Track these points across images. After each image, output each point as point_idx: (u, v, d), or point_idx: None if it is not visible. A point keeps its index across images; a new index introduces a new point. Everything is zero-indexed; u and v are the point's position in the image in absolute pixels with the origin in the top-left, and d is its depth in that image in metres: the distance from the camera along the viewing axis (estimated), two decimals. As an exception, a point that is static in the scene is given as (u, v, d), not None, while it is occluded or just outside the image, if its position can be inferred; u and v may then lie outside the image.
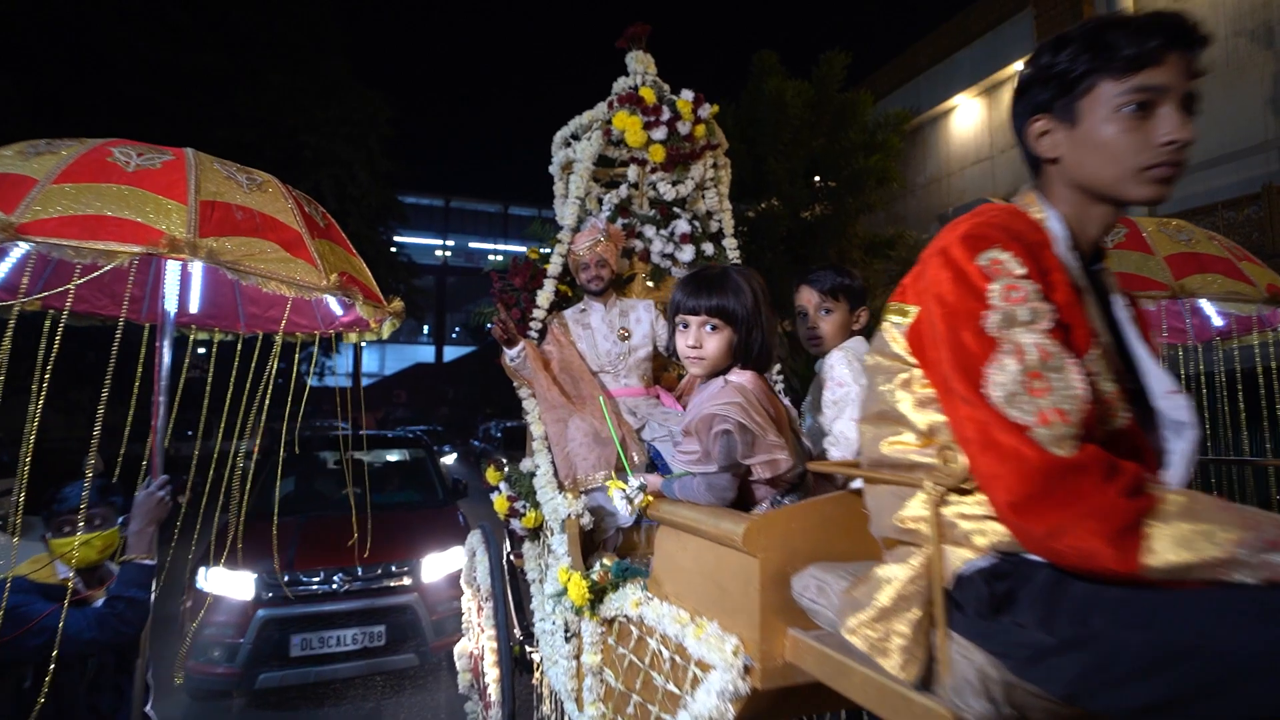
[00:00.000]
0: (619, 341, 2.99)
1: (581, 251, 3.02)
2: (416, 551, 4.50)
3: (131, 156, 1.97)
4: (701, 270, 1.50)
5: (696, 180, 3.18)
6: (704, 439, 1.34)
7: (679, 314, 1.50)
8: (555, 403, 2.70)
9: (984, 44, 12.14)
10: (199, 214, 1.87)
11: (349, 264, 2.18)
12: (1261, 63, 8.67)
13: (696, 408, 1.39)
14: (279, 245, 1.96)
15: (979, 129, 12.60)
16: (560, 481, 2.55)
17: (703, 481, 1.33)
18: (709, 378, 1.50)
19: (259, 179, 2.17)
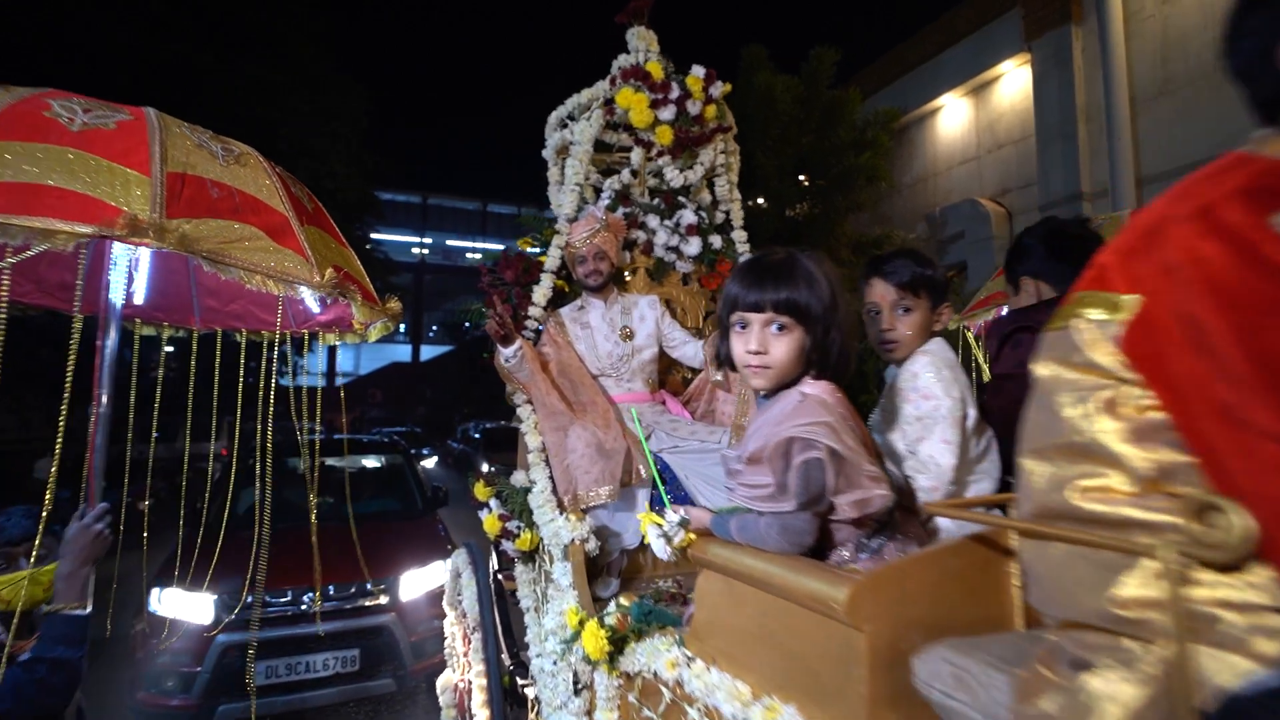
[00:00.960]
0: (621, 342, 2.72)
1: (578, 243, 2.74)
2: (394, 567, 4.18)
3: (76, 112, 1.60)
4: (762, 257, 1.21)
5: (706, 166, 2.91)
6: (778, 469, 1.07)
7: (736, 311, 1.21)
8: (554, 409, 2.41)
9: (971, 43, 12.05)
10: (166, 189, 1.53)
11: (341, 257, 1.85)
12: (1250, 65, 8.63)
13: (764, 428, 1.11)
14: (263, 232, 1.62)
15: (966, 128, 12.51)
16: (559, 499, 2.26)
17: (774, 523, 1.05)
18: (773, 391, 1.22)
19: (236, 150, 1.81)
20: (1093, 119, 10.21)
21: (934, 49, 12.67)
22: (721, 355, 1.26)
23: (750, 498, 1.09)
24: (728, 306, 1.23)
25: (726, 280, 1.19)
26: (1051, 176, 10.62)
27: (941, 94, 12.62)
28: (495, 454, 14.55)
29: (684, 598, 2.25)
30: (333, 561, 4.11)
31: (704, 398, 2.78)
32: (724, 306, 1.24)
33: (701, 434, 2.47)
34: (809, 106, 10.59)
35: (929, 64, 12.79)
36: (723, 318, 1.25)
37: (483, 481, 2.48)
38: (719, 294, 3.24)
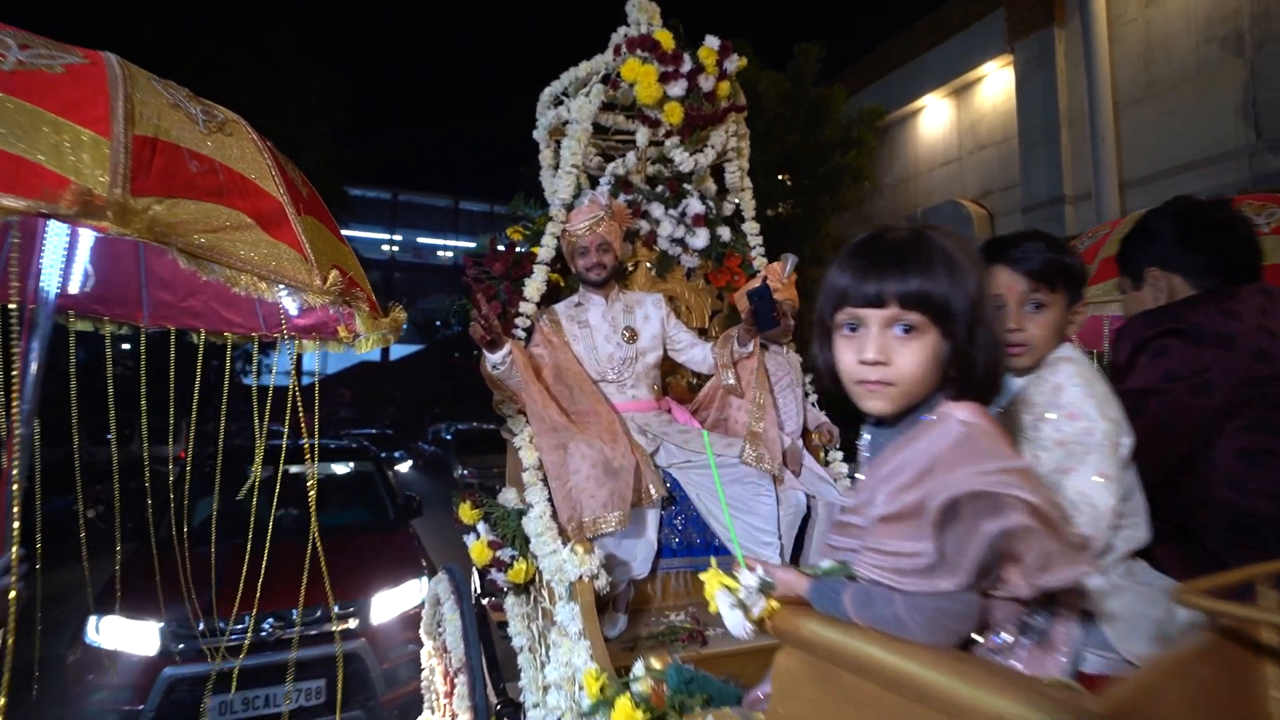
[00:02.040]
0: (624, 343, 2.43)
1: (579, 232, 2.44)
2: (364, 587, 3.83)
3: (10, 47, 1.22)
4: (881, 233, 0.91)
5: (717, 150, 2.63)
6: (942, 534, 0.76)
7: (844, 307, 0.91)
8: (553, 424, 2.11)
9: (954, 44, 11.99)
10: (131, 156, 1.18)
11: (341, 255, 1.52)
12: (1232, 70, 8.67)
13: (904, 472, 0.81)
14: (254, 220, 1.28)
15: (948, 130, 12.46)
16: (561, 525, 1.97)
17: (924, 605, 0.75)
18: (896, 417, 0.91)
19: (219, 115, 1.45)
20: (1075, 121, 10.19)
21: (917, 49, 12.60)
22: (820, 365, 0.97)
23: (886, 569, 0.79)
24: (832, 301, 0.92)
25: (830, 268, 0.91)
26: (1034, 179, 10.59)
27: (924, 94, 12.55)
28: (469, 456, 14.13)
29: (702, 635, 1.98)
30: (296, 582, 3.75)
31: (714, 405, 2.51)
32: (827, 301, 0.93)
33: (716, 446, 2.20)
34: (794, 104, 10.42)
35: (912, 64, 12.71)
36: (823, 316, 0.95)
37: (469, 502, 2.17)
38: (727, 292, 2.99)
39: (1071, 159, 10.18)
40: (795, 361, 2.65)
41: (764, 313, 2.17)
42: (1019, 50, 10.83)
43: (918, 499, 0.75)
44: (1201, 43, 8.98)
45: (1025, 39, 10.70)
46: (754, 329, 2.25)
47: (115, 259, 2.07)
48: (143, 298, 2.21)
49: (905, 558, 0.75)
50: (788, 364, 2.59)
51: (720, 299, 2.91)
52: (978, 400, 0.84)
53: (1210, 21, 8.92)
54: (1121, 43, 9.73)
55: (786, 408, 2.45)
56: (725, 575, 0.95)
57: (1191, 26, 9.07)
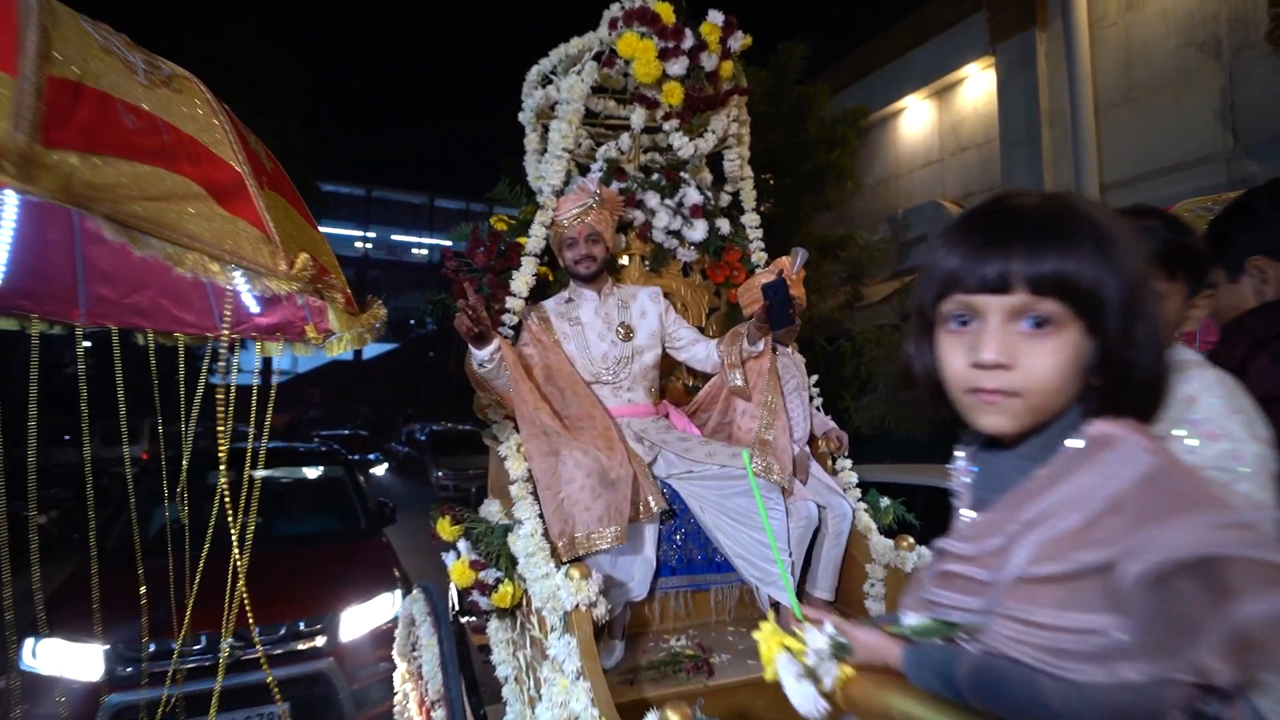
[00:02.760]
0: (619, 341, 2.24)
1: (567, 222, 2.25)
2: (333, 602, 3.57)
3: None
4: (1001, 200, 0.71)
5: (718, 135, 2.45)
6: (1145, 609, 0.55)
7: (952, 294, 0.71)
8: (544, 428, 1.91)
9: (936, 45, 12.00)
10: (43, 99, 0.95)
11: (313, 242, 1.30)
12: (1210, 74, 8.74)
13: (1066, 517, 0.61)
14: (206, 190, 1.06)
15: (929, 131, 12.48)
16: (552, 544, 1.76)
17: (1102, 700, 0.55)
18: (1020, 437, 0.71)
19: (165, 69, 1.22)
20: (1056, 124, 10.23)
21: (898, 49, 12.59)
22: (915, 370, 0.79)
23: (1033, 646, 0.59)
24: (936, 285, 0.72)
25: (933, 244, 0.72)
26: (1015, 180, 10.60)
27: (905, 95, 12.55)
28: (444, 457, 13.82)
29: (708, 664, 1.79)
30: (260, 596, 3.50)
31: (716, 409, 2.33)
32: (928, 286, 0.73)
33: (721, 455, 2.02)
34: (777, 101, 10.29)
35: (893, 65, 12.70)
36: (922, 305, 0.76)
37: (448, 517, 1.96)
38: (725, 288, 2.81)
39: (1053, 161, 10.21)
40: (800, 362, 2.48)
41: (779, 309, 1.99)
42: (1000, 52, 10.85)
43: (1098, 559, 0.56)
44: (1180, 47, 9.05)
45: (1007, 41, 10.72)
46: (766, 326, 2.07)
47: (45, 249, 1.81)
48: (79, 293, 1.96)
49: (1070, 635, 0.56)
50: (794, 365, 2.42)
51: (718, 295, 2.73)
52: (1133, 418, 0.66)
53: (1189, 26, 8.99)
54: (1102, 45, 9.78)
55: (794, 413, 2.27)
56: (786, 635, 0.75)
57: (1170, 31, 9.13)
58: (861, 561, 2.13)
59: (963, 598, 0.68)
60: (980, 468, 0.76)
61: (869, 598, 2.07)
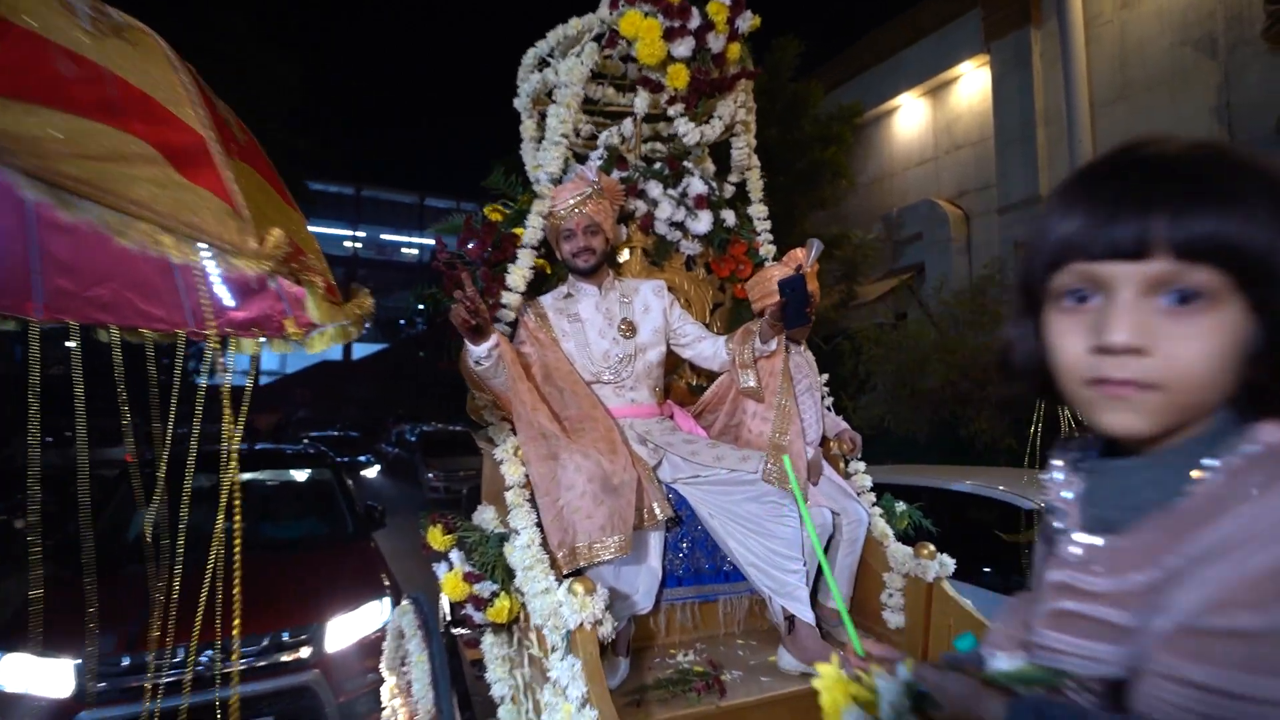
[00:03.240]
0: (620, 338, 2.12)
1: (564, 212, 2.12)
2: (319, 610, 3.43)
3: None
4: (1135, 147, 0.58)
5: (725, 122, 2.33)
6: None
7: (1070, 262, 0.58)
8: (543, 430, 1.78)
9: (930, 43, 11.95)
10: None
11: (291, 222, 1.15)
12: (1206, 72, 8.72)
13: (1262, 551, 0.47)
14: (161, 154, 0.92)
15: (923, 129, 12.43)
16: (552, 555, 1.64)
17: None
18: (1152, 439, 0.57)
19: (116, 17, 1.06)
20: (1051, 122, 10.19)
21: (893, 47, 12.53)
22: (1015, 358, 0.66)
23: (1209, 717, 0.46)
24: (1049, 253, 0.59)
25: (1045, 204, 0.60)
26: (1010, 179, 10.56)
27: (899, 93, 12.49)
28: (435, 459, 13.64)
29: (719, 683, 1.67)
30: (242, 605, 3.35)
31: (724, 410, 2.21)
32: (1038, 255, 0.61)
33: (730, 459, 1.90)
34: (771, 98, 10.19)
35: (887, 62, 12.65)
36: (1029, 279, 0.63)
37: (440, 526, 1.83)
38: (730, 283, 2.69)
39: (1048, 159, 10.17)
40: (811, 361, 2.37)
41: (796, 307, 1.87)
42: (995, 50, 10.81)
43: None
44: (1176, 45, 9.02)
45: (1002, 39, 10.68)
46: (780, 324, 1.95)
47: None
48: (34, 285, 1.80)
49: (1273, 710, 0.44)
50: (806, 364, 2.31)
51: (722, 290, 2.61)
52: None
53: (1184, 24, 8.97)
54: (1098, 44, 9.75)
55: (806, 414, 2.16)
56: (853, 682, 0.63)
57: (1166, 29, 9.11)
58: (878, 570, 2.02)
59: (1089, 644, 0.56)
60: (1095, 479, 0.63)
61: (887, 608, 1.96)
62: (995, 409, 5.39)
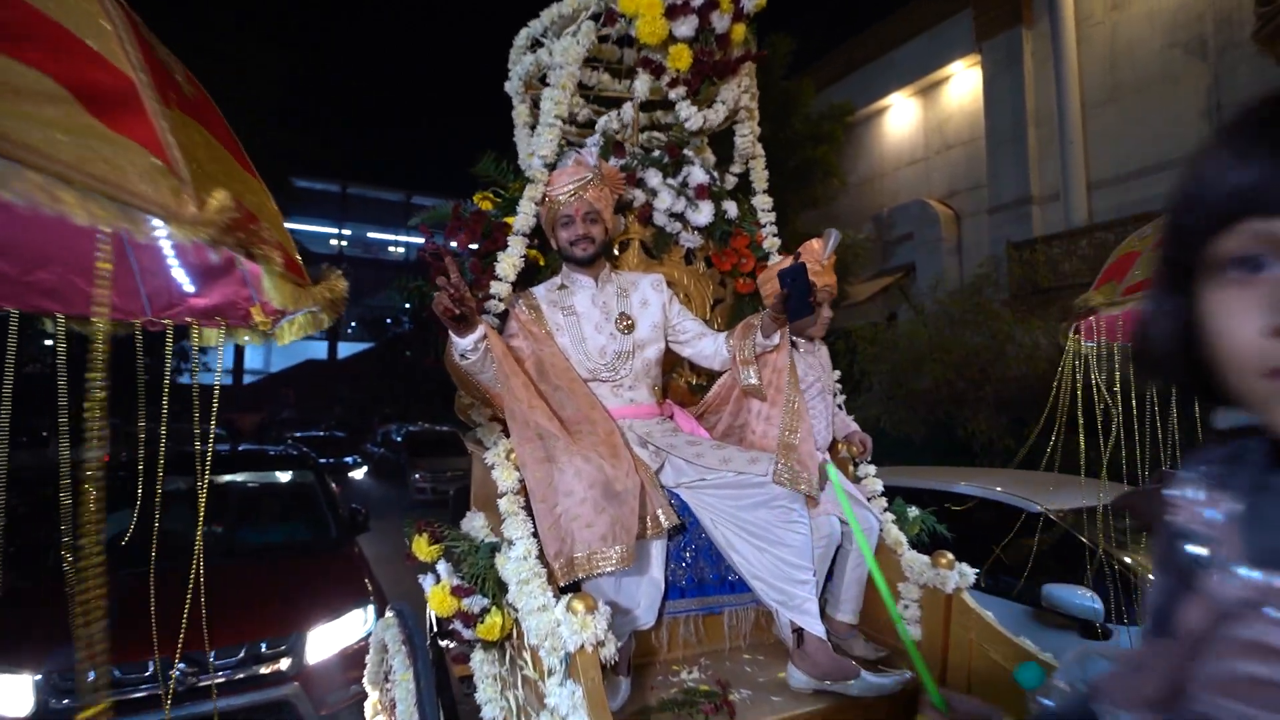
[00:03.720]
0: (618, 334, 2.00)
1: (563, 198, 2.00)
2: (299, 620, 3.28)
3: None
4: None
5: (729, 107, 2.21)
6: None
7: (1242, 220, 0.46)
8: (538, 429, 1.66)
9: (921, 43, 11.93)
10: None
11: (248, 189, 1.01)
12: (1196, 74, 8.74)
13: None
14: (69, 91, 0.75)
15: (914, 129, 12.40)
16: (550, 566, 1.51)
17: None
18: None
19: None
20: (1042, 122, 10.18)
21: (883, 47, 12.50)
22: (1157, 342, 0.54)
23: None
24: (1211, 211, 0.48)
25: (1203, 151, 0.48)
26: (1001, 179, 10.55)
27: (890, 93, 12.46)
28: (421, 459, 13.43)
29: (728, 703, 1.55)
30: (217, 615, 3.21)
31: (727, 410, 2.09)
32: (1193, 212, 0.50)
33: (738, 461, 1.78)
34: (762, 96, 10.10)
35: (878, 62, 12.61)
36: (1180, 242, 0.52)
37: (426, 535, 1.69)
38: (732, 277, 2.57)
39: (1039, 160, 10.16)
40: (826, 360, 2.25)
41: (798, 297, 1.76)
42: (986, 50, 10.80)
43: None
44: (1166, 46, 9.03)
45: (993, 39, 10.67)
46: (782, 317, 1.83)
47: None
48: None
49: None
50: (818, 363, 2.19)
51: (723, 285, 2.50)
52: None
53: (1175, 26, 8.98)
54: (1087, 45, 9.75)
55: (817, 418, 2.05)
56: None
57: (1156, 31, 9.12)
58: (892, 579, 1.91)
59: None
60: (1266, 498, 0.51)
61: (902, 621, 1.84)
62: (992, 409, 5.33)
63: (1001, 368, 5.24)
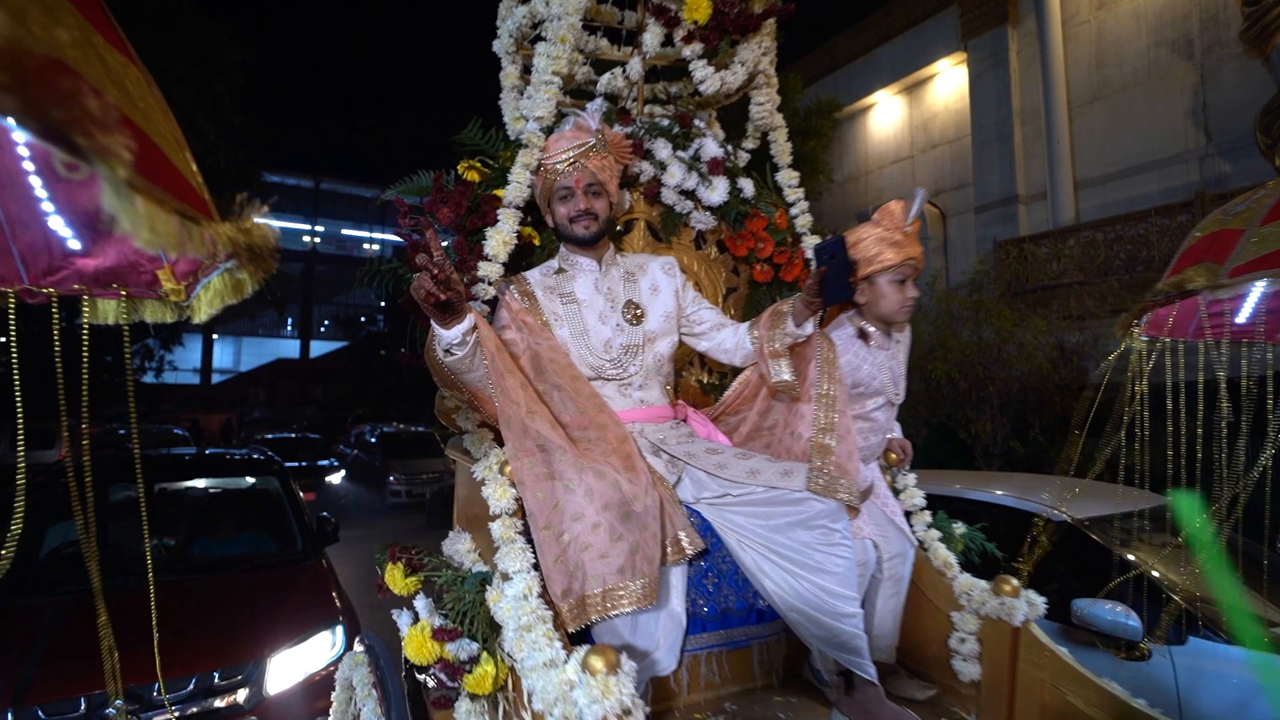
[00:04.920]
0: (626, 325, 1.73)
1: (561, 166, 1.72)
2: (258, 645, 2.95)
3: None
4: None
5: (749, 69, 1.95)
6: None
7: None
8: (539, 439, 1.38)
9: (906, 41, 11.83)
10: None
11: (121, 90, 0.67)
12: (1182, 73, 8.71)
13: None
14: None
15: (899, 127, 12.30)
16: (556, 607, 1.24)
17: None
18: None
19: None
20: (1028, 121, 10.11)
21: (868, 45, 12.37)
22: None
23: None
24: None
25: None
26: (987, 177, 10.46)
27: (875, 91, 12.34)
28: (397, 460, 13.00)
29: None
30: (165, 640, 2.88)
31: (750, 412, 1.83)
32: None
33: (768, 473, 1.52)
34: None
35: (863, 59, 12.48)
36: None
37: (401, 564, 1.41)
38: (747, 264, 2.32)
39: (1025, 159, 10.09)
40: (902, 359, 1.92)
41: (837, 277, 1.51)
42: (972, 49, 10.71)
43: None
44: (1152, 46, 8.99)
45: (979, 37, 10.58)
46: (818, 299, 1.57)
47: None
48: None
49: None
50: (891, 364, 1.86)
51: (736, 273, 2.24)
52: None
53: (1160, 25, 8.94)
54: (1073, 44, 9.69)
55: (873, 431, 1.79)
56: None
57: (1142, 30, 9.08)
58: (941, 608, 1.67)
59: None
60: None
61: (957, 656, 1.60)
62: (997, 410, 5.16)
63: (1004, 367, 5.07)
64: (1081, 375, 5.62)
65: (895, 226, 1.73)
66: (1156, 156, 8.78)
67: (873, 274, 1.76)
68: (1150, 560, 2.72)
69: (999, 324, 5.21)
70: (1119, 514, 2.98)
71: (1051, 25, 9.69)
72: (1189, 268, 1.81)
